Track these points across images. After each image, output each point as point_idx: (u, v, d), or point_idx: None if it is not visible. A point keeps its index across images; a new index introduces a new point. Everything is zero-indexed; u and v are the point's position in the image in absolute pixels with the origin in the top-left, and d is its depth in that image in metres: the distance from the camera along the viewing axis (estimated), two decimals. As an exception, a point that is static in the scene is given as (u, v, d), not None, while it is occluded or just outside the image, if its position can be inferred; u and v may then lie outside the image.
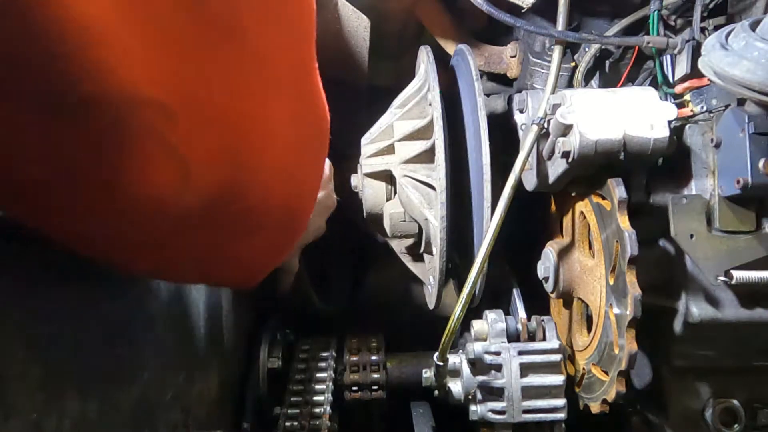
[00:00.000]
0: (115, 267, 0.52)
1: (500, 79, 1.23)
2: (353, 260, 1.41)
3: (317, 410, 0.96)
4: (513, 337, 0.92)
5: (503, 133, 1.06)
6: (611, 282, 0.82)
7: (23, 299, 0.49)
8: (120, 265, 0.51)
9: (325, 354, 1.06)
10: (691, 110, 0.88)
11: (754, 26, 0.76)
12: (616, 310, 0.81)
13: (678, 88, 0.91)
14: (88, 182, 0.38)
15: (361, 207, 1.03)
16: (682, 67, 0.91)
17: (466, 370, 0.92)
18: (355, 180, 1.04)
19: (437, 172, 0.91)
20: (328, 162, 0.89)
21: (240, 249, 0.53)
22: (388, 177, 1.01)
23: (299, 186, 0.55)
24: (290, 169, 0.51)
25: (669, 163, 0.89)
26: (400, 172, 0.98)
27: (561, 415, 0.88)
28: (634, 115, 0.81)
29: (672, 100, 0.90)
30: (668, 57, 0.95)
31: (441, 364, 0.92)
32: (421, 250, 1.01)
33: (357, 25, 1.12)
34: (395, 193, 1.01)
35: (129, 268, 0.53)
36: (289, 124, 0.47)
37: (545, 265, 0.99)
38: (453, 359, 0.93)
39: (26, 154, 0.35)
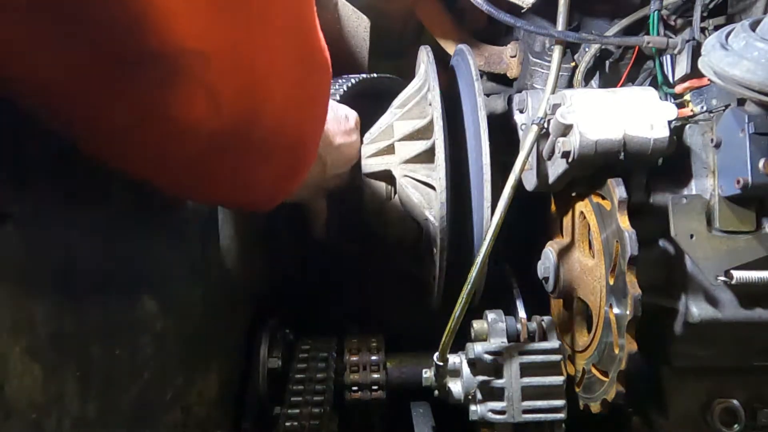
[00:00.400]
0: (159, 185, 0.62)
1: (500, 79, 1.23)
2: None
3: (317, 410, 0.96)
4: (513, 337, 0.92)
5: (503, 133, 1.06)
6: (611, 282, 0.82)
7: (24, 299, 0.49)
8: (163, 183, 0.62)
9: (325, 354, 1.06)
10: (691, 110, 0.88)
11: (754, 26, 0.76)
12: (616, 310, 0.81)
13: (678, 88, 0.91)
14: (144, 115, 0.48)
15: (361, 206, 1.04)
16: (682, 67, 0.91)
17: (466, 370, 0.92)
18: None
19: (437, 172, 0.91)
20: (354, 114, 0.95)
21: (258, 171, 0.63)
22: (388, 177, 1.01)
23: (305, 116, 0.65)
24: (297, 101, 0.61)
25: (669, 163, 0.89)
26: (400, 172, 0.98)
27: (561, 415, 0.88)
28: (634, 115, 0.81)
29: (672, 100, 0.90)
30: (668, 57, 0.95)
31: (441, 364, 0.92)
32: (421, 250, 1.01)
33: (357, 25, 1.12)
34: (395, 193, 1.01)
35: (170, 185, 0.63)
36: (295, 64, 0.57)
37: (545, 265, 0.99)
38: (453, 359, 0.93)
39: (101, 96, 0.46)
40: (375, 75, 1.16)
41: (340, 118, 0.91)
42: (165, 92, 0.47)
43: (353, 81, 1.07)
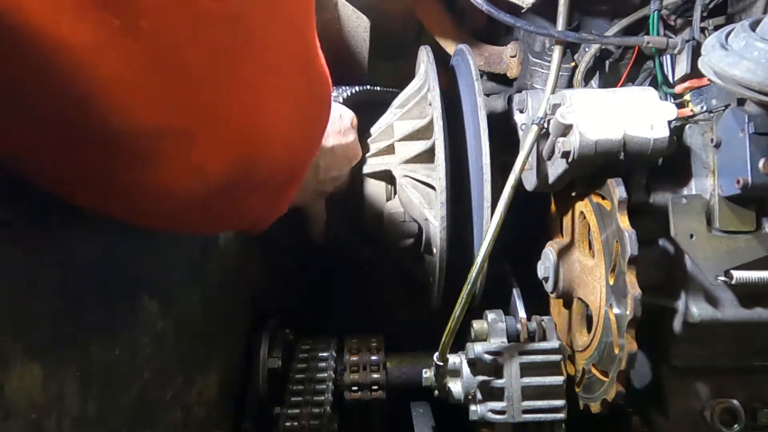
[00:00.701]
0: (141, 226, 0.59)
1: (500, 79, 1.23)
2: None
3: (317, 410, 0.96)
4: (513, 337, 0.92)
5: (503, 133, 1.06)
6: (611, 282, 0.82)
7: (24, 299, 0.49)
8: (147, 226, 0.59)
9: (325, 354, 1.06)
10: (691, 110, 0.88)
11: (754, 26, 0.76)
12: (616, 310, 0.81)
13: (678, 88, 0.91)
14: (121, 184, 0.45)
15: (361, 207, 1.04)
16: (682, 67, 0.91)
17: (466, 370, 0.92)
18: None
19: (437, 172, 0.91)
20: (350, 113, 0.91)
21: (252, 204, 0.60)
22: (388, 177, 1.01)
23: (301, 149, 0.61)
24: (295, 140, 0.57)
25: (669, 163, 0.89)
26: (400, 172, 0.98)
27: (561, 415, 0.88)
28: (634, 115, 0.81)
29: (672, 100, 0.90)
30: (668, 57, 0.95)
31: (441, 364, 0.92)
32: (421, 250, 1.01)
33: (357, 25, 1.12)
34: (395, 193, 1.01)
35: (153, 227, 0.61)
36: (296, 104, 0.53)
37: (545, 265, 0.99)
38: (453, 359, 0.93)
39: (77, 172, 0.44)
40: (379, 88, 1.15)
41: (333, 118, 0.87)
42: (146, 171, 0.43)
43: (356, 89, 1.06)
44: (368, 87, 1.10)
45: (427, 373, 0.98)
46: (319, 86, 0.57)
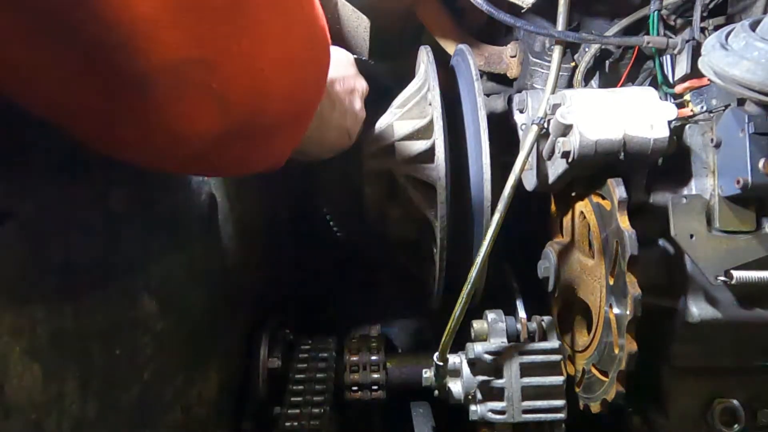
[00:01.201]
0: (167, 171, 0.65)
1: (500, 79, 1.23)
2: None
3: (317, 410, 0.96)
4: (513, 337, 0.92)
5: (503, 133, 1.06)
6: (611, 282, 0.82)
7: (24, 299, 0.49)
8: (171, 170, 0.65)
9: (325, 354, 1.06)
10: (691, 110, 0.88)
11: (754, 26, 0.76)
12: (616, 310, 0.81)
13: (678, 88, 0.91)
14: (153, 128, 0.49)
15: (362, 206, 1.04)
16: (682, 67, 0.91)
17: (466, 370, 0.92)
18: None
19: (437, 172, 0.91)
20: (347, 53, 0.93)
21: (265, 147, 0.65)
22: (388, 177, 1.01)
23: (307, 91, 0.66)
24: (300, 80, 0.62)
25: (669, 163, 0.89)
26: (401, 172, 0.98)
27: (561, 415, 0.88)
28: (634, 115, 0.81)
29: (672, 100, 0.91)
30: (668, 57, 0.95)
31: (441, 364, 0.92)
32: (421, 250, 1.01)
33: (357, 25, 1.12)
34: (395, 193, 1.01)
35: (178, 172, 0.67)
36: (299, 47, 0.58)
37: (545, 265, 0.99)
38: (453, 359, 0.93)
39: (107, 115, 0.48)
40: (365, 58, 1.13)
41: (334, 57, 0.87)
42: (173, 105, 0.48)
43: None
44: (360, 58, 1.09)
45: (427, 373, 0.98)
46: (317, 31, 0.62)
